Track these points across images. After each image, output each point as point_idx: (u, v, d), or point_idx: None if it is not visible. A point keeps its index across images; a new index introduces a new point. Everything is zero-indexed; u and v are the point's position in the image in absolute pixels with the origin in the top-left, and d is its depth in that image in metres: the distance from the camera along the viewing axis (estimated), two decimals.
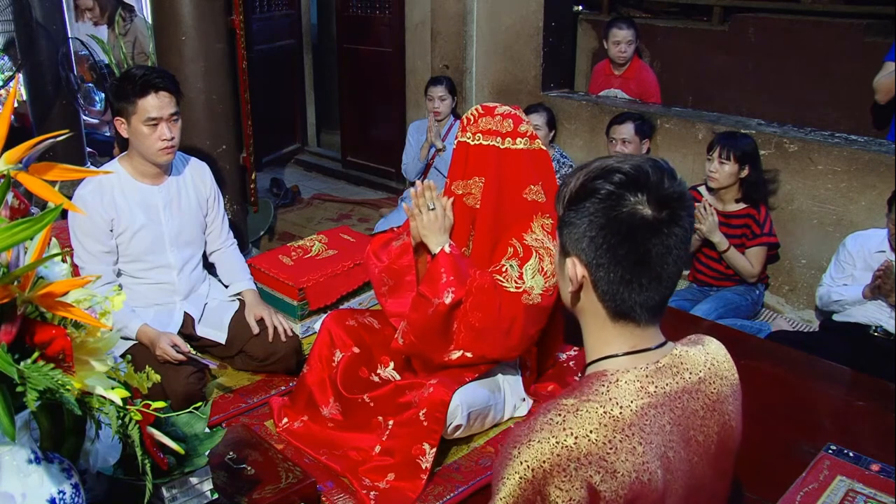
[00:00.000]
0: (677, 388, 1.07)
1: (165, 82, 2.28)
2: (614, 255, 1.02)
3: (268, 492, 1.72)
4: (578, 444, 0.98)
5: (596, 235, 1.02)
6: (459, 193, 2.03)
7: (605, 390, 1.03)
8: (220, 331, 2.47)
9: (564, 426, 0.99)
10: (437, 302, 1.87)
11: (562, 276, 1.13)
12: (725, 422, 1.12)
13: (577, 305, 1.12)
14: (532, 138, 2.01)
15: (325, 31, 6.31)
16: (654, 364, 1.07)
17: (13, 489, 1.14)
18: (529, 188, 1.99)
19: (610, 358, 1.08)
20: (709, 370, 1.11)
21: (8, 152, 1.07)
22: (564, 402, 1.02)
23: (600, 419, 0.99)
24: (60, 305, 1.06)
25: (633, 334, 1.08)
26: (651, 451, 1.00)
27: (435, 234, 1.95)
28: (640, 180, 1.01)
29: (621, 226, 1.00)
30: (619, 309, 1.06)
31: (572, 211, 1.05)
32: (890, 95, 3.21)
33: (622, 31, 4.06)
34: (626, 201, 1.00)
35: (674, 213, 1.01)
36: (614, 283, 1.04)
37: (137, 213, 2.35)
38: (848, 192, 3.17)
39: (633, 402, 1.02)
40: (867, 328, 2.76)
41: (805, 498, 1.63)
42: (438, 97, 4.21)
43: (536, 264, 1.96)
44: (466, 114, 2.04)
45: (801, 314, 3.39)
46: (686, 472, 1.07)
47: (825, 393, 2.23)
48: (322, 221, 4.89)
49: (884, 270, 2.64)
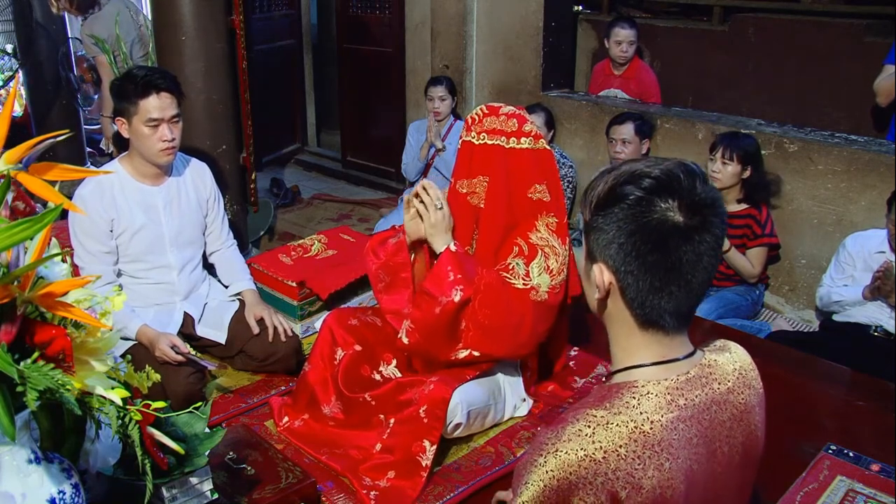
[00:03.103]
0: (706, 399, 1.05)
1: (167, 83, 2.27)
2: (643, 263, 0.99)
3: (268, 492, 1.72)
4: (608, 459, 0.97)
5: (625, 242, 0.99)
6: (464, 192, 2.03)
7: (636, 403, 1.01)
8: (220, 331, 2.47)
9: (594, 439, 0.98)
10: (446, 300, 1.86)
11: (588, 282, 1.10)
12: (751, 432, 1.11)
13: (605, 312, 1.09)
14: (536, 138, 2.01)
15: (325, 31, 6.31)
16: (683, 375, 1.05)
17: (13, 489, 1.14)
18: (534, 187, 2.00)
19: (638, 368, 1.05)
20: (737, 379, 1.10)
21: (8, 152, 1.07)
22: (594, 413, 1.00)
23: (630, 434, 0.98)
24: (60, 305, 1.07)
25: (661, 343, 1.05)
26: (677, 467, 1.00)
27: (441, 233, 1.94)
28: (670, 186, 0.98)
29: (651, 233, 0.98)
30: (647, 317, 1.03)
31: (600, 216, 1.02)
32: (890, 98, 3.21)
33: (624, 31, 4.06)
34: (657, 207, 0.97)
35: (705, 220, 0.98)
36: (643, 291, 1.01)
37: (137, 214, 2.35)
38: (848, 192, 3.17)
39: (662, 416, 1.00)
40: (867, 328, 2.76)
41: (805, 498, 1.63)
42: (438, 97, 4.22)
43: (542, 262, 1.97)
44: (471, 113, 2.04)
45: (801, 314, 3.39)
46: (708, 483, 1.06)
47: (825, 393, 2.23)
48: (322, 221, 4.89)
49: (883, 271, 2.64)
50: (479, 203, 2.02)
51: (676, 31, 4.47)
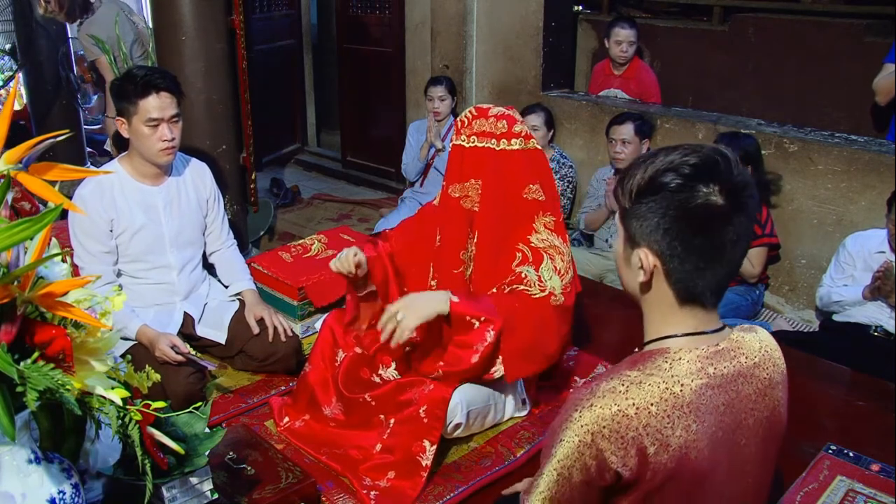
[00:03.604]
0: (734, 371, 1.11)
1: (167, 83, 2.27)
2: (689, 246, 1.05)
3: (268, 492, 1.72)
4: (639, 415, 1.03)
5: (670, 227, 1.05)
6: (456, 197, 2.01)
7: (668, 367, 1.07)
8: (220, 331, 2.47)
9: (627, 395, 1.04)
10: (483, 346, 1.82)
11: (627, 267, 1.15)
12: (775, 407, 1.17)
13: (645, 293, 1.14)
14: (527, 138, 2.00)
15: (325, 31, 6.32)
16: (713, 346, 1.11)
17: (13, 489, 1.14)
18: (528, 188, 1.98)
19: (671, 338, 1.11)
20: (763, 356, 1.16)
21: (8, 152, 1.07)
22: (628, 373, 1.07)
23: (662, 394, 1.04)
24: (60, 305, 1.07)
25: (696, 317, 1.11)
26: (703, 430, 1.05)
27: (428, 306, 1.81)
28: (711, 171, 1.03)
29: (696, 217, 1.03)
30: (689, 294, 1.09)
31: (642, 204, 1.07)
32: (890, 97, 3.21)
33: (624, 31, 4.06)
34: (699, 192, 1.03)
35: (743, 202, 1.04)
36: (687, 272, 1.07)
37: (137, 214, 2.35)
38: (848, 192, 3.17)
39: (692, 381, 1.06)
40: (867, 328, 2.76)
41: (805, 498, 1.63)
42: (438, 97, 4.22)
43: (550, 265, 1.95)
44: (460, 116, 2.02)
45: (801, 314, 3.39)
46: (733, 453, 1.11)
47: (825, 393, 2.23)
48: (322, 221, 4.89)
49: (883, 271, 2.64)
50: (472, 207, 2.00)
51: (676, 31, 4.47)
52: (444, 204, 2.06)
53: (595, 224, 3.67)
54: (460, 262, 2.04)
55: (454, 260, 2.04)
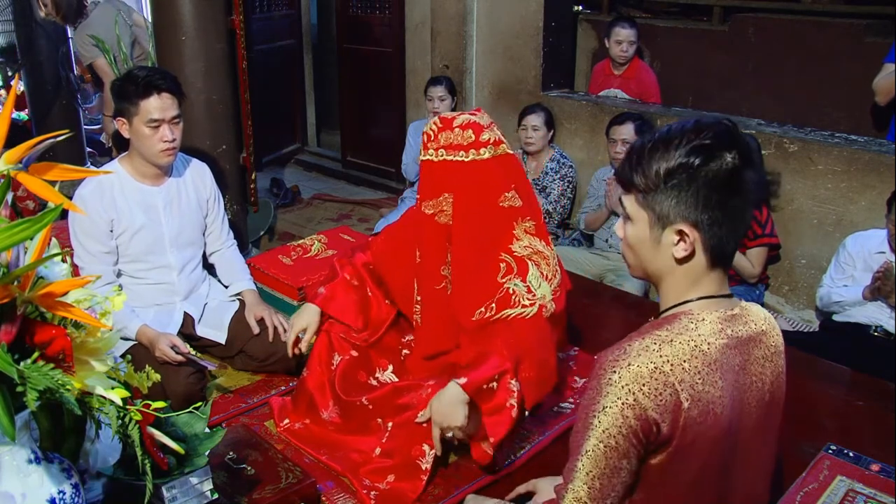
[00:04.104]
0: (747, 334, 1.20)
1: (168, 84, 2.27)
2: (728, 210, 1.13)
3: (268, 492, 1.72)
4: (674, 371, 1.09)
5: (710, 196, 1.12)
6: (430, 213, 1.96)
7: (694, 327, 1.15)
8: (220, 331, 2.47)
9: (661, 353, 1.10)
10: (514, 399, 1.78)
11: (656, 247, 1.19)
12: (779, 374, 1.26)
13: (681, 266, 1.18)
14: (496, 144, 1.94)
15: (325, 31, 6.32)
16: (729, 310, 1.19)
17: (13, 489, 1.14)
18: (504, 195, 1.93)
19: (688, 303, 1.19)
20: (768, 324, 1.25)
21: (8, 152, 1.07)
22: (657, 333, 1.14)
23: (692, 351, 1.12)
24: (60, 305, 1.07)
25: (716, 279, 1.19)
26: (727, 386, 1.14)
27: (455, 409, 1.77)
28: (728, 139, 1.13)
29: (729, 182, 1.12)
30: (720, 256, 1.17)
31: (673, 185, 1.13)
32: (890, 97, 3.21)
33: (625, 31, 4.06)
34: (727, 160, 1.12)
35: (754, 161, 1.14)
36: (724, 236, 1.15)
37: (137, 214, 2.35)
38: (848, 192, 3.17)
39: (717, 339, 1.15)
40: (867, 328, 2.76)
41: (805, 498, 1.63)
42: (438, 97, 4.22)
43: (536, 272, 1.91)
44: (425, 129, 1.96)
45: (801, 314, 3.39)
46: (743, 412, 1.19)
47: (825, 393, 2.22)
48: (322, 221, 4.89)
49: (883, 272, 2.64)
50: (447, 221, 1.95)
51: (676, 31, 4.47)
52: (419, 222, 2.01)
53: (595, 224, 3.67)
54: (441, 277, 2.00)
55: (435, 276, 2.00)
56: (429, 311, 2.03)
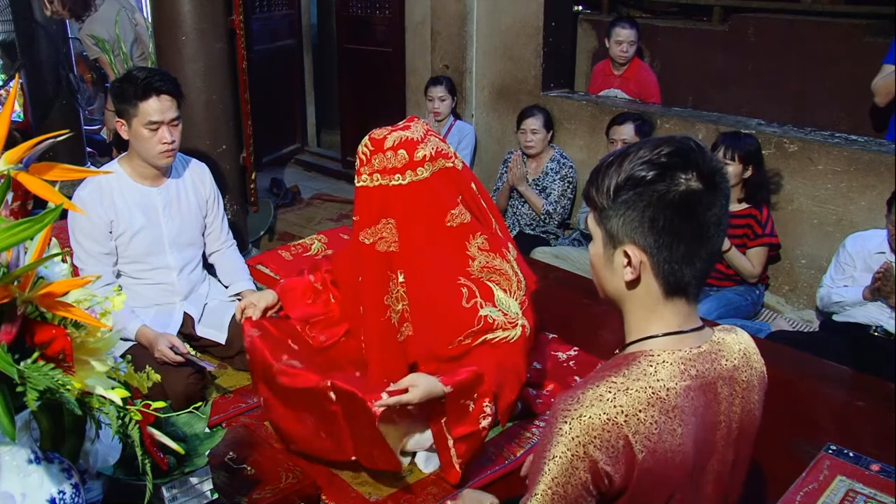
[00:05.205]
0: (714, 374, 1.12)
1: (167, 85, 2.27)
2: (677, 234, 1.05)
3: (268, 492, 1.72)
4: (629, 422, 1.03)
5: (656, 218, 1.04)
6: (370, 243, 1.84)
7: (653, 371, 1.07)
8: (220, 331, 2.47)
9: (615, 403, 1.03)
10: (488, 421, 1.76)
11: (609, 268, 1.13)
12: (750, 410, 1.18)
13: (630, 291, 1.12)
14: (434, 159, 1.81)
15: (325, 31, 6.31)
16: (696, 348, 1.11)
17: (13, 489, 1.14)
18: (450, 214, 1.83)
19: (652, 338, 1.11)
20: (741, 358, 1.16)
21: (8, 152, 1.07)
22: (613, 379, 1.06)
23: (649, 399, 1.04)
24: (60, 305, 1.07)
25: (679, 312, 1.11)
26: (687, 433, 1.06)
27: (432, 388, 1.71)
28: (686, 159, 1.05)
29: (680, 204, 1.04)
30: (675, 285, 1.09)
31: (622, 201, 1.06)
32: (889, 97, 3.21)
33: (625, 31, 4.06)
34: (679, 180, 1.04)
35: (718, 184, 1.06)
36: (676, 262, 1.07)
37: (136, 215, 2.35)
38: (848, 193, 3.17)
39: (677, 383, 1.07)
40: (867, 328, 2.76)
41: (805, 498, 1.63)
42: (438, 97, 4.22)
43: (501, 294, 1.84)
44: (358, 151, 1.85)
45: (801, 314, 3.39)
46: (709, 453, 1.13)
47: (825, 393, 2.22)
48: (322, 221, 4.89)
49: (883, 272, 2.64)
50: (389, 248, 1.83)
51: (676, 31, 4.47)
52: (356, 251, 1.89)
53: None
54: (384, 307, 1.89)
55: (378, 307, 1.89)
56: (373, 341, 1.93)
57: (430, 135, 1.86)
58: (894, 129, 3.32)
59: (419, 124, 1.87)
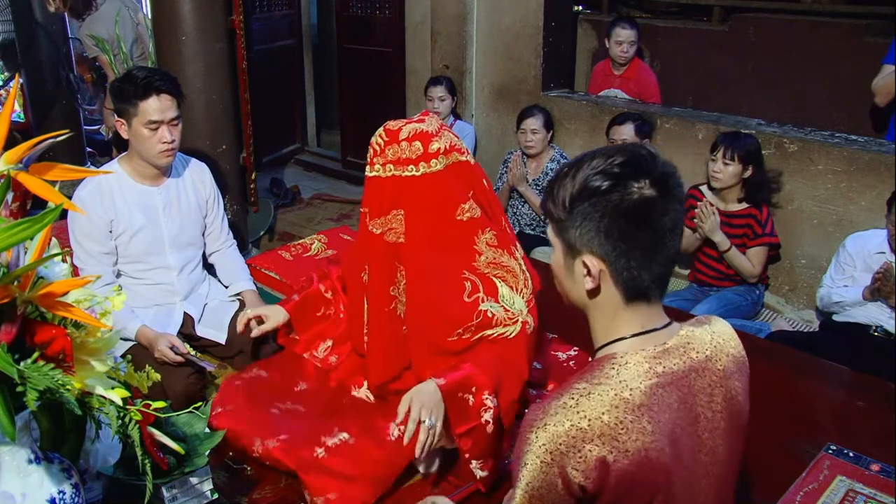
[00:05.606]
0: (685, 367, 1.12)
1: (167, 85, 2.27)
2: (633, 242, 1.08)
3: (268, 492, 1.72)
4: (592, 427, 1.03)
5: (611, 227, 1.07)
6: (379, 233, 1.83)
7: (616, 373, 1.08)
8: (220, 331, 2.47)
9: (578, 409, 1.04)
10: (489, 415, 1.71)
11: (570, 278, 1.16)
12: (732, 397, 1.17)
13: (591, 299, 1.15)
14: (448, 153, 1.81)
15: (325, 31, 6.31)
16: (661, 346, 1.12)
17: (13, 489, 1.14)
18: (461, 208, 1.81)
19: (619, 341, 1.13)
20: (715, 348, 1.17)
21: (8, 152, 1.07)
22: (577, 386, 1.08)
23: (612, 401, 1.05)
24: (60, 305, 1.07)
25: (642, 314, 1.13)
26: (659, 430, 1.06)
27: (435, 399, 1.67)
28: (638, 167, 1.07)
29: (635, 212, 1.06)
30: (635, 291, 1.11)
31: (577, 212, 1.09)
32: (889, 97, 3.21)
33: (625, 31, 4.06)
34: (632, 189, 1.06)
35: (671, 190, 1.08)
36: (634, 268, 1.09)
37: (136, 215, 2.35)
38: (848, 193, 3.17)
39: (642, 383, 1.08)
40: (867, 328, 2.76)
41: (805, 498, 1.63)
42: (438, 97, 4.22)
43: (507, 290, 1.82)
44: (372, 142, 1.83)
45: (801, 314, 3.39)
46: (695, 447, 1.13)
47: (825, 393, 2.22)
48: (322, 221, 4.89)
49: (883, 272, 2.64)
50: (397, 239, 1.83)
51: (676, 31, 4.47)
52: (365, 241, 1.88)
53: None
54: (391, 298, 1.88)
55: (384, 297, 1.87)
56: (376, 332, 1.91)
57: (445, 129, 1.86)
58: (894, 129, 3.32)
59: (433, 118, 1.87)
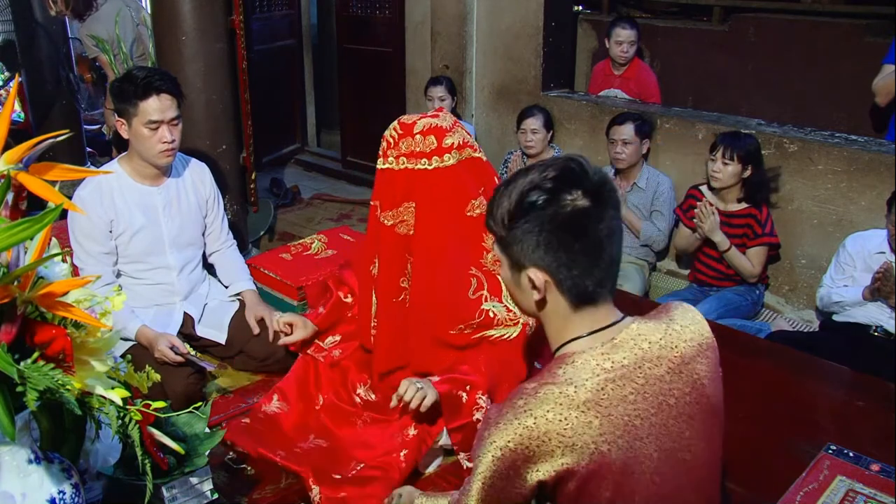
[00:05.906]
0: (635, 358, 1.14)
1: (167, 85, 2.27)
2: (572, 251, 1.11)
3: (268, 492, 1.72)
4: (537, 424, 1.06)
5: (550, 241, 1.11)
6: (390, 224, 1.85)
7: (563, 372, 1.12)
8: (220, 331, 2.47)
9: (526, 409, 1.08)
10: (477, 419, 1.75)
11: (519, 291, 1.20)
12: (695, 381, 1.17)
13: (543, 309, 1.19)
14: (461, 148, 1.84)
15: (325, 31, 6.31)
16: (609, 342, 1.14)
17: (13, 489, 1.14)
18: (471, 204, 1.84)
19: (571, 342, 1.17)
20: (669, 335, 1.17)
21: (8, 152, 1.07)
22: (527, 386, 1.12)
23: (556, 399, 1.08)
24: (60, 305, 1.07)
25: (591, 316, 1.17)
26: (609, 423, 1.08)
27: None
28: (570, 179, 1.11)
29: (570, 223, 1.10)
30: (581, 296, 1.15)
31: (516, 228, 1.13)
32: (890, 97, 3.21)
33: (625, 31, 4.06)
34: (566, 201, 1.10)
35: (605, 197, 1.12)
36: (577, 277, 1.13)
37: (136, 215, 2.35)
38: (848, 193, 3.17)
39: (588, 379, 1.10)
40: (867, 328, 2.76)
41: (805, 498, 1.63)
42: (438, 97, 4.22)
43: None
44: (386, 135, 1.85)
45: (801, 314, 3.39)
46: (661, 435, 1.13)
47: (825, 393, 2.22)
48: (322, 221, 4.89)
49: (883, 272, 2.63)
50: (408, 231, 1.85)
51: (676, 31, 4.47)
52: (376, 232, 1.91)
53: None
54: (400, 289, 1.91)
55: (394, 288, 1.91)
56: (385, 322, 1.94)
57: (458, 125, 1.89)
58: (894, 129, 3.32)
59: (448, 115, 1.90)
